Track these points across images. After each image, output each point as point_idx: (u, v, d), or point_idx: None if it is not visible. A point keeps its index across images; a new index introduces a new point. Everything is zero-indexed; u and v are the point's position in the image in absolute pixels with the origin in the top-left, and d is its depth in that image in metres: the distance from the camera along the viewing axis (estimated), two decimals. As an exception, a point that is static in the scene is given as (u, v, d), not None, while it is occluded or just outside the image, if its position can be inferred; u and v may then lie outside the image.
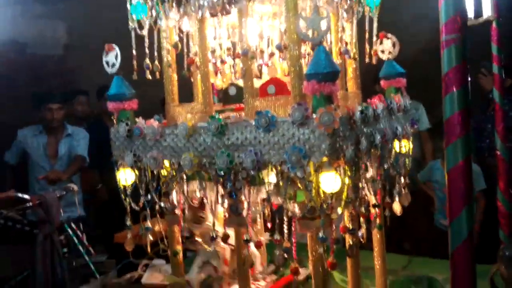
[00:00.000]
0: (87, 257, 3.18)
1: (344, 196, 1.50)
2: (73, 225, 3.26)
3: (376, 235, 2.04)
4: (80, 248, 3.21)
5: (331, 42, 1.91)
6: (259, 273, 2.15)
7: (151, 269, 2.41)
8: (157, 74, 1.92)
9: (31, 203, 3.00)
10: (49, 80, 5.68)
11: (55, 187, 3.44)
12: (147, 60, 1.84)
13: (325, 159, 1.41)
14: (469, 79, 0.95)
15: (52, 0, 5.54)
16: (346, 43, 1.89)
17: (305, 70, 1.45)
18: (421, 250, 2.93)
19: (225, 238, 1.80)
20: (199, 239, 1.90)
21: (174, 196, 1.89)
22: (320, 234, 1.46)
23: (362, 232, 1.79)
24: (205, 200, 1.83)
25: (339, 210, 1.52)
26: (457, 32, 0.86)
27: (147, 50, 1.83)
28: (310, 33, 1.42)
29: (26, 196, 3.12)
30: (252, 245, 2.07)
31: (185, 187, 1.81)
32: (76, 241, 3.20)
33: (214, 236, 1.73)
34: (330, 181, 1.43)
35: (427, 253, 2.63)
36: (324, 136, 1.39)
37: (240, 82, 1.89)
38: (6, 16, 5.51)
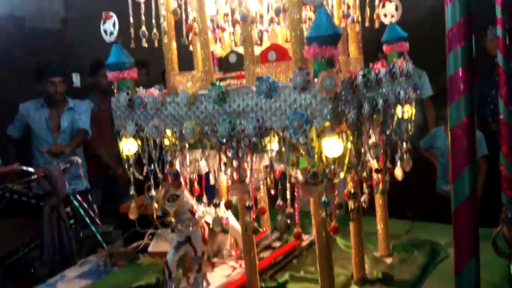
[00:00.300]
0: (94, 228, 3.23)
1: (346, 161, 1.50)
2: (78, 197, 3.30)
3: (378, 200, 2.06)
4: (87, 219, 3.26)
5: (332, 6, 1.87)
6: (227, 253, 2.15)
7: (157, 238, 2.45)
8: (156, 42, 1.89)
9: (36, 176, 3.03)
10: (48, 54, 5.63)
11: (59, 160, 3.47)
12: (143, 28, 1.81)
13: (327, 124, 1.41)
14: (474, 39, 0.92)
15: (48, -28, 5.45)
16: (349, 7, 1.86)
17: (306, 34, 1.43)
18: (423, 216, 2.95)
19: (228, 205, 1.82)
20: (172, 219, 1.86)
21: (177, 165, 1.90)
22: (323, 199, 1.47)
23: (364, 197, 1.81)
24: (180, 176, 1.82)
25: (341, 175, 1.52)
26: (461, -14, 0.84)
27: (143, 17, 1.80)
28: (310, -5, 1.39)
29: (31, 169, 3.15)
30: (233, 220, 2.08)
31: (186, 156, 1.82)
32: (82, 212, 3.25)
33: (217, 203, 1.75)
34: (332, 146, 1.43)
35: (429, 219, 2.66)
36: (326, 101, 1.38)
37: (240, 50, 1.87)
38: (3, -10, 5.42)
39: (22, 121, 3.83)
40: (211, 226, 1.89)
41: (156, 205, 1.86)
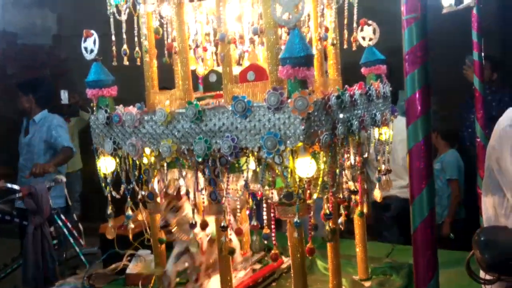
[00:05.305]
0: (78, 248, 3.18)
1: (319, 181, 1.50)
2: (62, 216, 3.25)
3: (357, 222, 2.05)
4: (71, 239, 3.21)
5: (310, 28, 1.90)
6: (239, 263, 2.13)
7: (136, 259, 2.41)
8: (138, 60, 1.90)
9: (21, 194, 2.99)
10: (40, 70, 5.66)
11: (43, 178, 3.40)
12: (125, 46, 1.83)
13: (300, 144, 1.41)
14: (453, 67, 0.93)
15: (41, -11, 5.53)
16: (326, 29, 1.88)
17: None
18: (405, 240, 2.93)
19: (204, 225, 1.80)
20: (174, 229, 1.89)
21: (155, 184, 1.89)
22: (295, 219, 1.46)
23: (341, 219, 1.80)
24: (181, 189, 1.82)
25: (314, 196, 1.52)
26: (418, 11, 0.86)
27: (124, 36, 1.81)
28: (285, 17, 1.41)
29: (16, 187, 3.10)
30: (233, 235, 2.07)
31: (165, 175, 1.81)
32: (66, 232, 3.20)
33: (194, 223, 1.73)
34: (305, 167, 1.43)
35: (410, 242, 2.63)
36: (299, 121, 1.39)
37: (221, 69, 1.88)
38: (-4, 6, 5.49)
39: None
40: (209, 238, 1.90)
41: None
